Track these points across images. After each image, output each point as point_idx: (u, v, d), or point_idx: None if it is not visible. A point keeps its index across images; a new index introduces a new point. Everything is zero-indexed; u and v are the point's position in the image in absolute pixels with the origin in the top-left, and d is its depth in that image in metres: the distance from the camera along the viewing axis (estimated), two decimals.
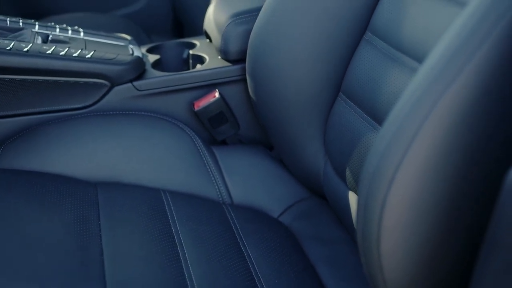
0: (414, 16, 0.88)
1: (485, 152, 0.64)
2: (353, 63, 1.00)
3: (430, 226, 0.64)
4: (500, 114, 0.63)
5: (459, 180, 0.63)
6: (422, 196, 0.62)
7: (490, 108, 0.62)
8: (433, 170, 0.62)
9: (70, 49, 1.11)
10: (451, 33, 0.63)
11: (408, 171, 0.62)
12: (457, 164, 0.62)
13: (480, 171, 0.64)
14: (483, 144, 0.63)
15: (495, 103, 0.62)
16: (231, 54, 1.19)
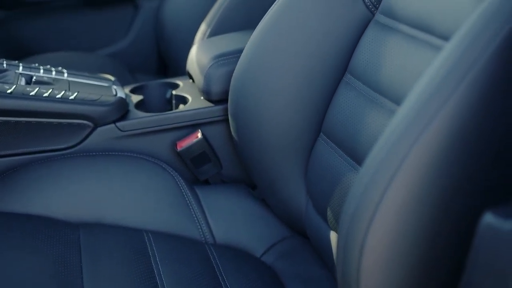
0: (391, 58, 0.90)
1: (461, 195, 0.65)
2: (333, 104, 1.02)
3: (409, 266, 0.65)
4: (475, 157, 0.65)
5: (436, 222, 0.64)
6: (400, 238, 0.63)
7: (465, 151, 0.64)
8: (410, 212, 0.63)
9: (53, 90, 1.12)
10: (427, 76, 0.65)
11: (386, 213, 0.63)
12: (434, 206, 0.63)
13: (456, 213, 0.65)
14: (459, 186, 0.65)
15: (470, 145, 0.64)
16: (213, 95, 1.21)
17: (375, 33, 0.97)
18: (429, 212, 0.63)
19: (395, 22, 0.93)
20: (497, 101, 0.63)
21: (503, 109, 0.64)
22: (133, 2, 2.10)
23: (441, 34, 0.82)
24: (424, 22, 0.86)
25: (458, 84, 0.62)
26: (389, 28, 0.93)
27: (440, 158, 0.62)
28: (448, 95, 0.62)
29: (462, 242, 0.65)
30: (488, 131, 0.64)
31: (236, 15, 1.43)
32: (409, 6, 0.90)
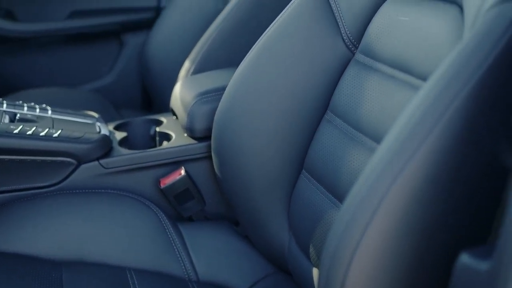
0: (371, 97, 0.92)
1: (440, 233, 0.66)
2: (315, 142, 1.03)
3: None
4: (453, 195, 0.66)
5: (416, 259, 0.65)
6: (381, 274, 0.64)
7: (443, 189, 0.65)
8: (390, 249, 0.64)
9: (37, 128, 1.13)
10: (404, 116, 0.66)
11: (367, 250, 0.63)
12: (413, 243, 0.64)
13: (436, 251, 0.66)
14: (438, 225, 0.66)
15: (448, 183, 0.65)
16: (196, 132, 1.22)
17: (355, 72, 0.98)
18: (409, 249, 0.64)
19: (374, 62, 0.95)
20: (473, 140, 0.64)
21: (479, 148, 0.66)
22: (118, 37, 2.12)
23: (419, 74, 0.84)
24: (402, 62, 0.88)
25: (435, 124, 0.63)
26: (369, 68, 0.95)
27: (418, 197, 0.63)
28: (426, 135, 0.63)
29: (441, 279, 0.65)
30: (465, 169, 0.66)
31: (220, 52, 1.45)
32: (387, 47, 0.92)
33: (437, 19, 0.82)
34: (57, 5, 2.05)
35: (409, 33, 0.87)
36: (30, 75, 2.06)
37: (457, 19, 0.79)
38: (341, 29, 1.01)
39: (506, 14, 0.62)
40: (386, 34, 0.92)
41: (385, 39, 0.93)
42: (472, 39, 0.63)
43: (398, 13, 0.91)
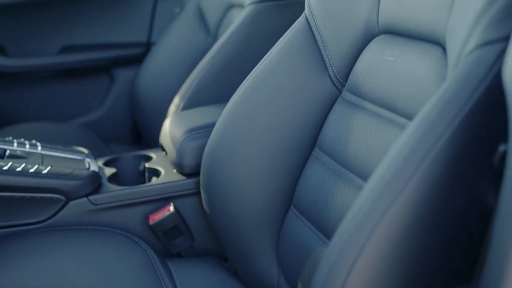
0: (358, 135, 0.93)
1: (426, 271, 0.67)
2: (303, 178, 1.04)
3: None
4: (439, 234, 0.67)
5: None
6: None
7: (429, 228, 0.66)
8: (377, 287, 0.64)
9: (27, 164, 1.13)
10: (390, 155, 0.67)
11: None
12: (400, 282, 0.65)
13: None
14: (424, 263, 0.66)
15: (434, 223, 0.66)
16: (185, 168, 1.22)
17: (342, 110, 1.00)
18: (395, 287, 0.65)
19: (361, 100, 0.96)
20: (457, 179, 0.66)
21: (463, 188, 0.67)
22: (109, 72, 2.14)
23: (404, 113, 0.85)
24: (388, 101, 0.89)
25: (419, 164, 0.64)
26: (356, 106, 0.97)
27: (405, 235, 0.64)
28: (411, 175, 0.64)
29: None
30: (450, 208, 0.67)
31: (209, 89, 1.47)
32: (373, 85, 0.93)
33: (422, 59, 0.84)
34: (48, 40, 2.07)
35: (395, 73, 0.89)
36: (21, 110, 2.07)
37: (440, 60, 0.80)
38: (328, 68, 1.03)
39: (487, 57, 0.64)
40: (372, 73, 0.94)
41: (371, 78, 0.94)
42: (455, 81, 0.65)
43: (383, 52, 0.93)
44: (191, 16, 1.92)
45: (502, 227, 0.52)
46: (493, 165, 0.60)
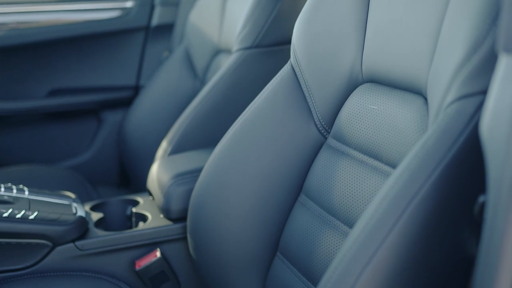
0: (343, 182, 0.95)
1: None
2: (289, 224, 1.05)
3: None
4: (421, 284, 0.68)
5: None
6: None
7: (410, 278, 0.67)
8: None
9: (13, 210, 1.13)
10: (373, 205, 0.69)
11: None
12: None
13: None
14: None
15: (416, 272, 0.67)
16: (172, 213, 1.23)
17: (327, 156, 1.01)
18: None
19: (345, 147, 0.98)
20: (439, 229, 0.67)
21: (444, 237, 0.68)
22: (97, 115, 2.15)
23: (387, 161, 0.87)
24: (372, 149, 0.91)
25: (401, 214, 0.66)
26: (340, 152, 0.98)
27: (389, 282, 0.65)
28: (392, 224, 0.66)
29: None
30: (432, 257, 0.68)
31: (197, 134, 1.48)
32: (358, 133, 0.95)
33: (404, 108, 0.86)
34: (36, 84, 2.08)
35: (378, 121, 0.91)
36: (9, 152, 2.06)
37: (422, 109, 0.83)
38: (313, 115, 1.05)
39: (466, 110, 0.65)
40: (356, 121, 0.96)
41: (355, 125, 0.96)
42: (435, 133, 0.67)
43: (367, 101, 0.95)
44: (179, 60, 1.94)
45: (481, 278, 0.53)
46: (473, 215, 0.62)
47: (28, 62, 2.07)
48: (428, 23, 0.82)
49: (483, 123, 0.54)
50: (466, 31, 0.70)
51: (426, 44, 0.82)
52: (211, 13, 1.80)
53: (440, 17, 0.79)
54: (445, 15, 0.78)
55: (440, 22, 0.79)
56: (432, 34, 0.81)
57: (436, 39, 0.80)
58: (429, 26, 0.81)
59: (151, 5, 2.13)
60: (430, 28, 0.81)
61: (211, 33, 1.79)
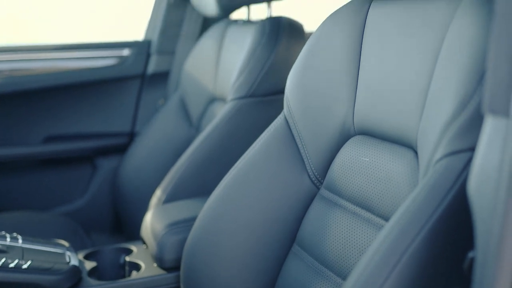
0: (335, 233, 0.95)
1: None
2: (283, 274, 1.05)
3: None
4: None
5: None
6: None
7: None
8: None
9: (7, 259, 1.13)
10: (363, 261, 0.70)
11: None
12: None
13: None
14: None
15: None
16: (166, 262, 1.23)
17: (320, 207, 1.02)
18: None
19: (338, 198, 0.99)
20: (428, 284, 0.68)
21: (435, 287, 0.69)
22: (91, 161, 2.16)
23: (379, 213, 0.88)
24: (364, 201, 0.92)
25: (391, 270, 0.66)
26: (333, 204, 0.99)
27: None
28: (383, 281, 0.66)
29: None
30: None
31: (191, 182, 1.49)
32: (350, 184, 0.96)
33: (395, 161, 0.87)
34: (32, 130, 2.10)
35: (369, 173, 0.92)
36: (3, 198, 2.06)
37: (412, 162, 0.84)
38: (306, 165, 1.06)
39: (454, 167, 0.67)
40: (349, 172, 0.97)
41: (347, 177, 0.97)
42: (424, 188, 0.68)
43: (359, 153, 0.96)
44: (175, 107, 1.97)
45: None
46: (462, 270, 0.63)
47: (24, 109, 2.09)
48: (417, 79, 0.84)
49: (470, 182, 0.56)
50: (454, 89, 0.72)
51: (416, 99, 0.84)
52: (206, 62, 1.83)
53: (429, 74, 0.82)
54: (434, 72, 0.80)
55: (429, 78, 0.81)
56: (421, 90, 0.83)
57: (425, 95, 0.82)
58: (418, 82, 0.84)
59: (147, 53, 2.16)
60: (419, 84, 0.83)
61: (206, 82, 1.82)
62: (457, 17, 0.79)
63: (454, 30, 0.78)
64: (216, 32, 1.83)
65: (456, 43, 0.76)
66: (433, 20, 0.84)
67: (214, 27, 1.88)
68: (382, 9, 0.97)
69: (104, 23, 2.95)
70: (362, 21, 1.00)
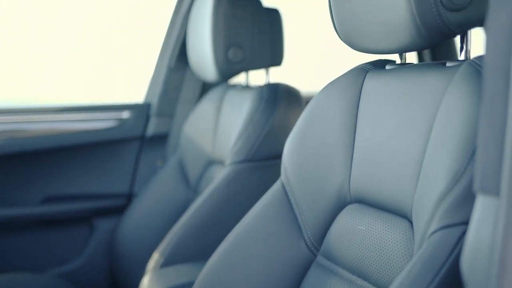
0: None
1: None
2: None
3: None
4: None
5: None
6: None
7: None
8: None
9: None
10: None
11: None
12: None
13: None
14: None
15: None
16: None
17: (317, 275, 1.03)
18: None
19: (335, 266, 1.00)
20: None
21: None
22: (89, 222, 2.16)
23: (376, 282, 0.89)
24: (360, 269, 0.93)
25: None
26: (330, 271, 1.00)
27: None
28: None
29: None
30: None
31: (189, 246, 1.50)
32: (346, 252, 0.97)
33: (390, 231, 0.89)
34: (30, 191, 2.11)
35: (366, 242, 0.93)
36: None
37: (408, 233, 0.85)
38: (303, 232, 1.08)
39: (448, 240, 0.69)
40: (345, 241, 0.99)
41: (344, 245, 0.99)
42: (419, 261, 0.69)
43: (355, 221, 0.98)
44: (173, 169, 1.99)
45: None
46: None
47: (23, 170, 2.10)
48: (411, 150, 0.86)
49: (463, 258, 0.57)
50: (446, 163, 0.74)
51: (410, 170, 0.86)
52: (205, 125, 1.86)
53: (423, 145, 0.84)
54: (428, 145, 0.83)
55: (423, 150, 0.84)
56: (416, 161, 0.85)
57: (419, 166, 0.84)
58: (412, 153, 0.86)
59: (147, 115, 2.19)
60: (413, 155, 0.85)
61: (204, 144, 1.85)
62: (449, 92, 0.81)
63: (446, 105, 0.80)
64: (215, 96, 1.87)
65: (448, 118, 0.78)
66: (426, 93, 0.87)
67: (213, 91, 1.92)
68: (377, 80, 1.00)
69: (105, 83, 3.00)
70: (358, 91, 1.03)
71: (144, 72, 2.31)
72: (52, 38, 2.85)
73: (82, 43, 2.92)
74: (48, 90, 2.97)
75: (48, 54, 2.87)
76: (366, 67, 1.05)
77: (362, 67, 1.05)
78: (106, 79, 2.98)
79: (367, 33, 0.94)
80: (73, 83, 2.99)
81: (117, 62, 2.95)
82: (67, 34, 2.86)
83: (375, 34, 0.92)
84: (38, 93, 3.01)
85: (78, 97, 3.01)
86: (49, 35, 2.82)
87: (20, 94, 2.92)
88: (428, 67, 0.91)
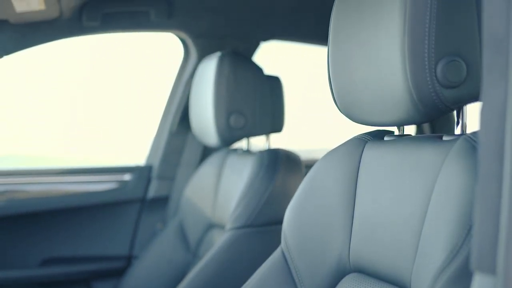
0: None
1: None
2: None
3: None
4: None
5: None
6: None
7: None
8: None
9: None
10: None
11: None
12: None
13: None
14: None
15: None
16: None
17: None
18: None
19: None
20: None
21: None
22: (88, 284, 2.15)
23: None
24: None
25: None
26: None
27: None
28: None
29: None
30: None
31: None
32: None
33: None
34: (30, 253, 2.10)
35: None
36: None
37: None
38: None
39: None
40: None
41: None
42: None
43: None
44: (173, 232, 1.99)
45: None
46: None
47: (23, 231, 2.10)
48: (410, 221, 0.88)
49: None
50: (444, 238, 0.75)
51: (409, 241, 0.87)
52: (206, 189, 1.87)
53: (421, 217, 0.85)
54: (426, 216, 0.84)
55: (421, 222, 0.85)
56: (414, 232, 0.86)
57: (418, 237, 0.85)
58: (411, 224, 0.87)
59: (148, 178, 2.21)
60: (412, 226, 0.87)
61: (205, 208, 1.86)
62: (445, 166, 0.83)
63: (444, 178, 0.82)
64: (216, 160, 1.89)
65: (445, 191, 0.80)
66: (424, 166, 0.89)
67: (214, 155, 1.95)
68: (376, 151, 1.02)
69: (106, 145, 3.03)
70: (357, 161, 1.05)
71: (146, 134, 2.34)
72: (59, 101, 2.89)
73: (86, 107, 2.96)
74: (51, 151, 3.00)
75: (51, 115, 2.91)
76: (365, 138, 1.07)
77: (361, 137, 1.08)
78: (108, 141, 3.01)
79: (366, 106, 0.96)
80: (76, 145, 3.02)
81: (117, 124, 3.00)
82: (72, 97, 2.90)
83: (374, 107, 0.95)
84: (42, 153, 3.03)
85: (80, 158, 3.03)
86: (55, 97, 2.87)
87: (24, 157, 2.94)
88: (425, 140, 0.94)
